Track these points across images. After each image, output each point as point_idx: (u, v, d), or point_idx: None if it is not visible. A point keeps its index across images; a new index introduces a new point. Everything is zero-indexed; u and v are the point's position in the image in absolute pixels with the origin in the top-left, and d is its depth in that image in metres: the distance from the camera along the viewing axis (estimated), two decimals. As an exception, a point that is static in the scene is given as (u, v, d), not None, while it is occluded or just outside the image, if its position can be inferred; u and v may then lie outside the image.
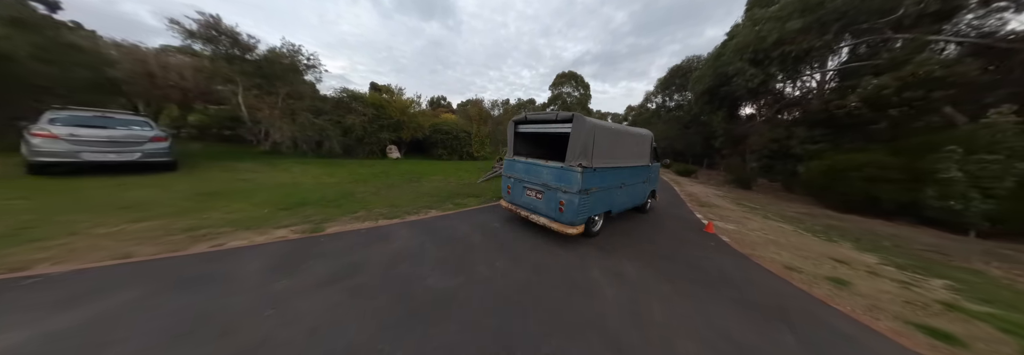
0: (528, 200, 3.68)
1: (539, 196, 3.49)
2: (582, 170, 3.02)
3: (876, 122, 8.40)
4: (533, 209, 3.60)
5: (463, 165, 12.49)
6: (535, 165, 3.60)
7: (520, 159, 3.91)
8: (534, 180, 3.58)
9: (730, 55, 11.46)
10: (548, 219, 3.35)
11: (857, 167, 7.93)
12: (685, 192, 9.75)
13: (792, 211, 8.29)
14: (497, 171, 10.04)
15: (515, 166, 3.97)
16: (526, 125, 3.92)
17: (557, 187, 3.23)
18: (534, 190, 3.58)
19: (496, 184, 8.09)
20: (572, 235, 3.21)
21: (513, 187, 3.97)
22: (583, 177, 3.03)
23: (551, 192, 3.30)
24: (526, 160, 3.79)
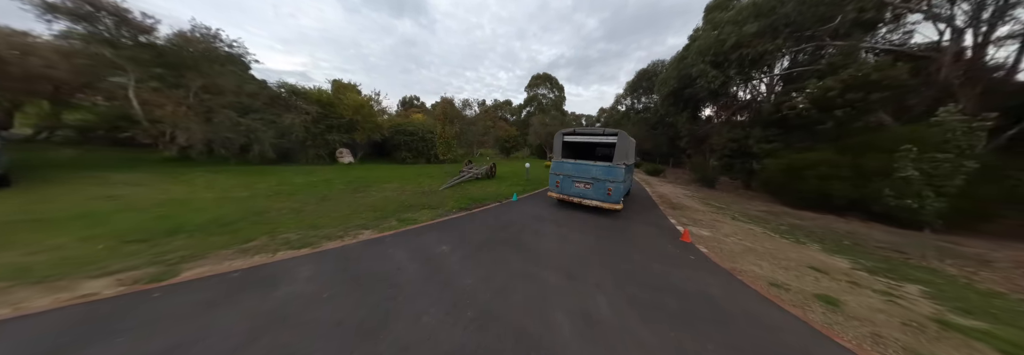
0: (578, 190, 5.40)
1: (587, 187, 5.27)
2: (624, 167, 4.96)
3: (823, 122, 8.92)
4: (583, 196, 5.34)
5: (429, 169, 11.47)
6: (584, 165, 5.32)
7: (569, 161, 5.58)
8: (584, 175, 5.31)
9: (693, 57, 11.75)
10: (599, 201, 5.11)
11: (811, 166, 8.28)
12: (656, 193, 9.66)
13: (755, 210, 8.48)
14: (466, 176, 9.21)
15: (564, 166, 5.66)
16: (573, 136, 5.66)
17: (605, 179, 5.03)
18: (583, 182, 5.32)
19: (461, 192, 7.28)
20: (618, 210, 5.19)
21: (562, 182, 5.64)
22: (625, 172, 4.97)
23: (599, 183, 5.10)
24: (576, 161, 5.45)
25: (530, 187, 9.07)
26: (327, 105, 10.38)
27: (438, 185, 8.07)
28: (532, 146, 38.91)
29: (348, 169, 9.68)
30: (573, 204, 5.90)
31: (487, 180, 10.12)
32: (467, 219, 4.68)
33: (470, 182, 9.24)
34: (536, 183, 10.16)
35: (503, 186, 8.98)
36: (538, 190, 8.64)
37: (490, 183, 9.43)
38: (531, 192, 8.19)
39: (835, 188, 7.60)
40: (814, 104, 8.93)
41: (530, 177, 11.56)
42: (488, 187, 8.61)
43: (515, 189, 8.36)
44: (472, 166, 10.72)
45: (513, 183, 9.75)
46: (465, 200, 6.16)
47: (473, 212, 5.26)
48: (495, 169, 11.05)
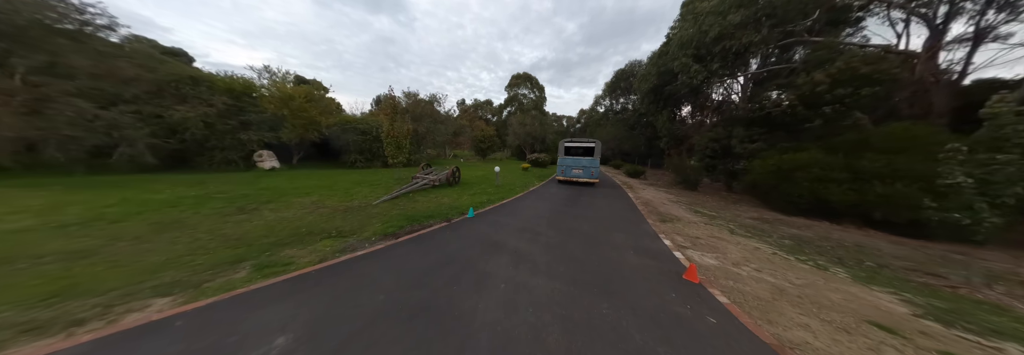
0: (574, 173, 10.35)
1: (579, 171, 10.37)
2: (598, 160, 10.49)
3: (811, 120, 8.36)
4: (577, 177, 10.33)
5: (377, 176, 9.70)
6: (578, 159, 10.44)
7: (570, 157, 10.60)
8: (576, 165, 10.35)
9: (674, 50, 10.99)
10: (587, 179, 10.29)
11: (802, 167, 7.60)
12: (641, 200, 8.62)
13: (746, 217, 7.66)
14: (418, 184, 7.60)
15: (566, 160, 10.51)
16: (570, 142, 10.76)
17: (589, 167, 10.31)
18: (577, 169, 10.37)
19: (403, 207, 5.70)
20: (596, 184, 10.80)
21: (565, 170, 10.41)
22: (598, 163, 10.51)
23: (586, 169, 10.30)
24: (574, 158, 10.52)
25: (498, 196, 7.66)
26: (241, 96, 8.31)
27: (379, 197, 6.42)
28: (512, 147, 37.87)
29: (262, 177, 7.72)
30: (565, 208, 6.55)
31: (448, 188, 8.57)
32: (378, 257, 3.17)
33: (424, 191, 7.65)
34: (507, 190, 8.76)
35: (464, 195, 7.49)
36: (507, 199, 7.25)
37: (449, 192, 7.90)
38: (497, 203, 6.77)
39: (831, 193, 6.91)
40: (802, 101, 8.34)
41: (500, 183, 10.14)
42: (444, 197, 7.08)
43: (477, 200, 6.91)
44: (431, 171, 9.12)
45: (478, 191, 8.28)
46: (399, 220, 4.62)
47: (399, 241, 3.74)
48: (459, 174, 9.52)
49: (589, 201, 7.66)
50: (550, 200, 7.48)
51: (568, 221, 5.29)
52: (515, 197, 7.71)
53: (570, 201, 7.46)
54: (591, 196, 8.66)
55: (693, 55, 10.37)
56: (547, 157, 23.08)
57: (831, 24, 11.06)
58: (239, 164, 8.41)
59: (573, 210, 6.35)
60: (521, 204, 6.77)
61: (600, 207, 6.90)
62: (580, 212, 6.17)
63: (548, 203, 7.02)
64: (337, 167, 11.28)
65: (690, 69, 10.42)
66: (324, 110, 9.90)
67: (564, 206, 6.75)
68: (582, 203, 7.31)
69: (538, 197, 7.90)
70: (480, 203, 6.55)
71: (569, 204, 7.04)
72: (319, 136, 10.16)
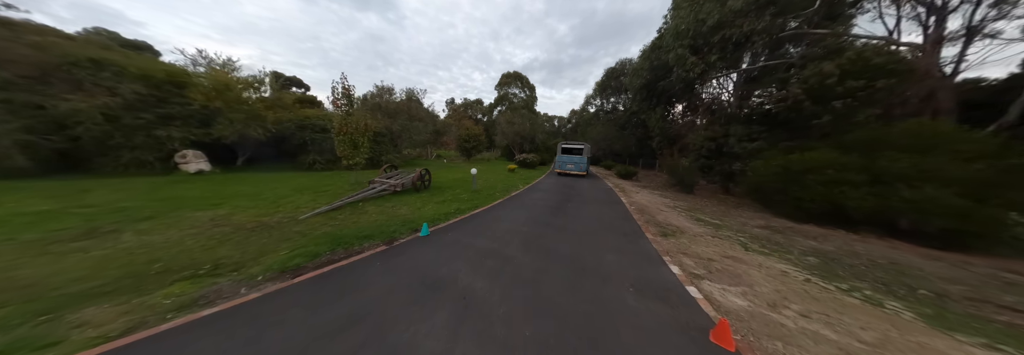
0: (568, 167, 14.09)
1: (572, 166, 14.12)
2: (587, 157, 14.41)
3: (819, 116, 7.62)
4: (570, 170, 14.09)
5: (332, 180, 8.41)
6: (572, 157, 14.25)
7: (564, 156, 14.63)
8: (570, 161, 14.13)
9: (669, 41, 10.16)
10: (577, 171, 13.97)
11: (814, 169, 6.80)
12: (634, 205, 7.67)
13: (754, 225, 6.82)
14: (373, 190, 6.40)
15: (562, 158, 14.54)
16: (566, 144, 15.20)
17: (579, 163, 14.01)
18: (571, 164, 14.12)
19: (340, 221, 4.51)
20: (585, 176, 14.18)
21: (561, 166, 14.41)
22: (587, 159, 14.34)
23: (577, 165, 14.01)
24: (569, 156, 14.42)
25: (471, 204, 6.54)
26: (161, 85, 6.89)
27: (319, 206, 5.20)
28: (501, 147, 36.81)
29: (177, 183, 6.33)
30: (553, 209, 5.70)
31: (414, 194, 7.38)
32: (235, 318, 2.03)
33: (382, 199, 6.45)
34: (484, 196, 7.65)
35: (430, 204, 6.34)
36: (481, 208, 6.14)
37: (412, 199, 6.73)
38: (467, 213, 5.66)
39: (848, 197, 6.12)
40: (809, 95, 7.59)
41: (478, 188, 9.01)
42: (403, 207, 5.92)
43: (444, 209, 5.78)
44: (396, 174, 7.91)
45: (449, 197, 7.14)
46: (319, 244, 3.45)
47: (296, 282, 2.57)
48: (429, 177, 8.35)
49: (577, 208, 6.65)
50: (532, 208, 6.42)
51: (549, 238, 4.23)
52: (491, 205, 6.62)
53: (555, 209, 6.42)
54: (579, 202, 7.65)
55: (689, 46, 9.57)
56: (536, 157, 22.09)
57: (829, 18, 10.51)
58: (155, 166, 6.96)
59: (557, 220, 5.31)
60: (496, 214, 5.67)
61: (589, 217, 5.88)
62: (565, 224, 5.13)
63: (529, 212, 5.95)
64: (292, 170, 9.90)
65: (686, 61, 9.60)
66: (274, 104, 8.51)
67: (547, 215, 5.70)
68: (569, 211, 6.28)
69: (518, 204, 6.82)
70: (445, 214, 5.42)
71: (554, 213, 6.00)
72: (266, 133, 8.77)
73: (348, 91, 7.31)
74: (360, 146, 7.41)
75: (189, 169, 7.36)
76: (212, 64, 8.65)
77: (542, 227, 4.83)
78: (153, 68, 7.18)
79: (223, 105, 7.76)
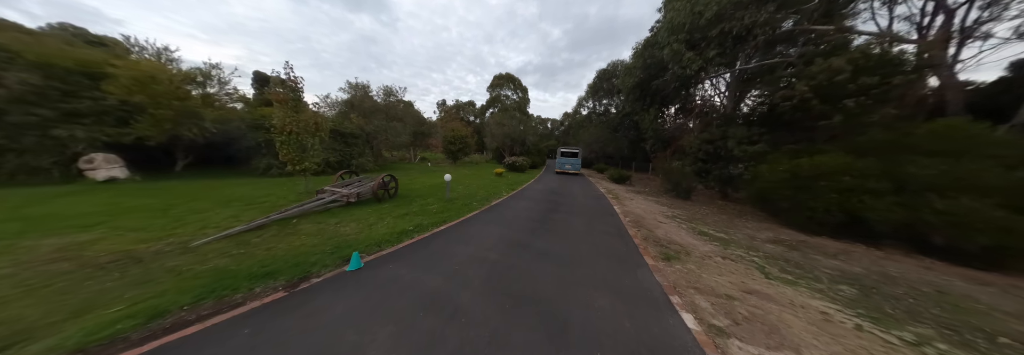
0: (566, 167, 18.29)
1: (569, 167, 18.42)
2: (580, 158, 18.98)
3: (828, 116, 6.98)
4: (567, 170, 18.31)
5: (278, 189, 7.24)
6: (569, 159, 18.52)
7: (562, 158, 18.83)
8: (567, 162, 18.51)
9: (664, 36, 9.47)
10: (573, 170, 18.25)
11: (827, 174, 6.10)
12: (629, 217, 6.81)
13: (764, 240, 6.04)
14: (321, 201, 5.33)
15: (561, 159, 18.86)
16: (563, 149, 19.20)
17: (575, 164, 18.49)
18: (569, 165, 18.41)
19: (265, 250, 3.42)
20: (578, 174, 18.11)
21: (560, 166, 18.56)
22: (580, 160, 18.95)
23: (573, 165, 18.41)
24: (565, 158, 18.64)
25: (438, 218, 5.55)
26: (70, 75, 5.66)
27: (237, 224, 4.11)
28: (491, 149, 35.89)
29: (69, 195, 5.10)
30: None
31: (375, 204, 6.33)
32: None
33: (329, 213, 5.38)
34: (458, 207, 6.66)
35: (387, 218, 5.31)
36: (448, 224, 5.16)
37: (369, 212, 5.68)
38: (428, 232, 4.68)
39: (871, 208, 5.41)
40: (817, 93, 6.96)
41: (452, 196, 8.02)
42: (350, 223, 4.89)
43: (401, 226, 4.78)
44: (356, 181, 6.84)
45: (415, 210, 6.12)
46: (189, 289, 2.44)
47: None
48: (395, 185, 7.31)
49: (564, 222, 5.73)
50: (511, 223, 5.47)
51: (523, 270, 3.29)
52: (463, 218, 5.63)
53: (538, 224, 5.48)
54: (568, 212, 6.75)
55: (685, 41, 8.90)
56: (526, 161, 21.21)
57: (826, 16, 10.08)
58: (53, 173, 5.68)
59: (538, 241, 4.36)
60: (464, 233, 4.70)
61: (578, 234, 4.97)
62: (547, 246, 4.19)
63: (506, 229, 4.99)
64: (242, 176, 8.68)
65: (682, 57, 8.92)
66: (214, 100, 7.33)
67: (527, 233, 4.75)
68: (554, 226, 5.35)
69: (496, 217, 5.86)
70: (400, 233, 4.41)
71: (535, 230, 5.06)
72: (204, 134, 7.56)
73: (294, 83, 6.24)
74: (310, 148, 6.33)
75: (97, 176, 6.10)
76: (144, 52, 7.44)
77: (517, 252, 3.87)
78: (59, 55, 5.94)
79: (146, 100, 6.55)
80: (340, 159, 11.72)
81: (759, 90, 9.90)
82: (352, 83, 14.16)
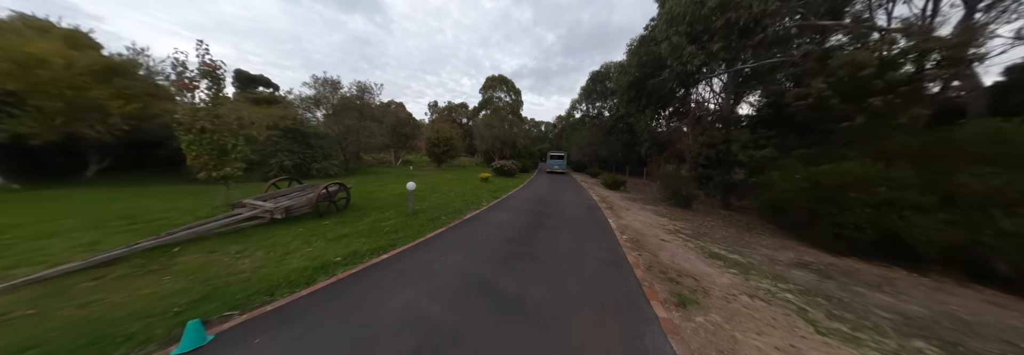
0: (554, 167, 23.76)
1: (557, 167, 23.83)
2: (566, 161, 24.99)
3: (850, 117, 6.17)
4: (555, 169, 23.71)
5: (183, 203, 5.88)
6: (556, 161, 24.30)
7: (552, 160, 24.81)
8: (556, 163, 24.20)
9: (662, 29, 8.64)
10: (560, 170, 23.60)
11: (856, 185, 5.23)
12: (627, 232, 5.77)
13: (787, 262, 5.10)
14: (239, 218, 4.09)
15: (550, 161, 24.93)
16: (552, 153, 25.76)
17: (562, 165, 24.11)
18: (557, 166, 23.90)
19: (88, 306, 2.13)
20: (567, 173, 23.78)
21: (550, 167, 24.13)
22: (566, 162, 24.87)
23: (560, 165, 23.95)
24: (554, 160, 24.49)
25: (386, 240, 4.41)
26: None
27: (95, 254, 2.86)
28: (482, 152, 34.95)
29: None
30: None
31: (311, 220, 5.10)
32: None
33: (235, 235, 4.14)
34: (421, 223, 5.50)
35: (314, 243, 4.13)
36: (396, 250, 4.01)
37: (292, 234, 4.47)
38: (364, 262, 3.57)
39: (919, 228, 4.52)
40: (838, 90, 6.15)
41: (418, 208, 6.86)
42: (254, 252, 3.69)
43: (325, 257, 3.60)
44: (296, 191, 5.60)
45: (356, 230, 4.93)
46: None
47: None
48: (347, 194, 6.11)
49: (547, 245, 4.64)
50: (480, 247, 4.35)
51: (476, 336, 2.17)
52: (419, 241, 4.47)
53: (516, 247, 4.38)
54: (553, 228, 5.67)
55: (686, 34, 8.08)
56: (515, 165, 20.16)
57: (830, 13, 9.50)
58: None
59: (509, 280, 3.25)
60: (409, 266, 3.56)
61: (564, 263, 3.88)
62: (521, 287, 3.09)
63: (470, 258, 3.87)
64: (169, 183, 7.28)
65: (683, 51, 8.09)
66: (123, 91, 5.98)
67: (496, 266, 3.64)
68: (535, 251, 4.25)
69: (464, 239, 4.73)
70: (316, 270, 3.24)
71: (509, 258, 3.95)
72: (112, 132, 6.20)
73: (212, 67, 5.00)
74: (232, 150, 5.08)
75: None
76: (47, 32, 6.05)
77: (476, 300, 2.75)
78: None
79: (24, 88, 5.17)
80: (299, 162, 10.41)
81: (763, 90, 9.17)
82: (318, 78, 12.87)
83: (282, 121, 9.94)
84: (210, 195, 5.89)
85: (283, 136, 9.80)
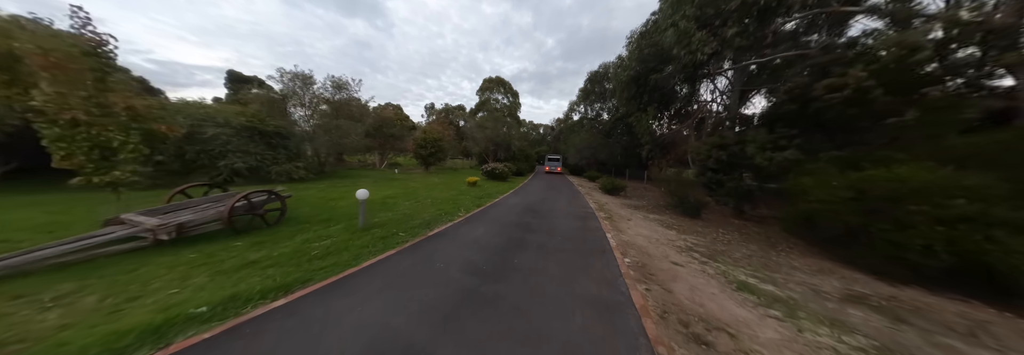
0: (551, 167, 28.58)
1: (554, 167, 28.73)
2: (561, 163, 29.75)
3: (898, 113, 5.13)
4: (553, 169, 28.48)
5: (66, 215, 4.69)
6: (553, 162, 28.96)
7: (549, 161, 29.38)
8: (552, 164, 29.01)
9: (668, 13, 7.65)
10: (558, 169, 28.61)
11: (921, 195, 4.16)
12: (630, 253, 4.64)
13: (836, 294, 3.97)
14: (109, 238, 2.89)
15: (548, 162, 29.36)
16: (549, 155, 30.43)
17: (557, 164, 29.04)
18: (553, 164, 28.79)
19: None
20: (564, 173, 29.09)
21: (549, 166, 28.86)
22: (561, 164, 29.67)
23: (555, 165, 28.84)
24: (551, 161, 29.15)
25: (302, 272, 3.27)
26: None
27: None
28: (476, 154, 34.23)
29: None
30: None
31: (221, 239, 3.94)
32: None
33: (83, 268, 2.98)
34: (367, 244, 4.36)
35: (195, 279, 2.98)
36: (305, 289, 2.85)
37: (161, 263, 3.32)
38: (239, 318, 2.42)
39: (1016, 252, 3.44)
40: (882, 80, 5.12)
41: (374, 222, 5.72)
42: (78, 300, 2.52)
43: (192, 303, 2.43)
44: (210, 202, 4.46)
45: (267, 257, 3.78)
46: None
47: None
48: (282, 206, 4.95)
49: (529, 270, 3.50)
50: (434, 278, 3.21)
51: None
52: (349, 273, 3.33)
53: (480, 282, 3.25)
54: (539, 250, 4.53)
55: (695, 18, 7.08)
56: (507, 168, 19.08)
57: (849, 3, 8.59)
58: None
59: (449, 350, 2.10)
60: (306, 323, 2.42)
61: (544, 308, 2.75)
62: None
63: (408, 302, 2.74)
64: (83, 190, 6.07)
65: (692, 38, 7.08)
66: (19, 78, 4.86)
67: (437, 324, 2.50)
68: (506, 288, 3.12)
69: (413, 268, 3.59)
70: (160, 328, 2.07)
71: (469, 298, 2.83)
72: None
73: (97, 43, 3.90)
74: (122, 149, 3.95)
75: None
76: None
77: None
78: None
79: None
80: (256, 165, 9.26)
81: (783, 83, 8.18)
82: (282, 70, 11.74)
83: (237, 118, 8.83)
84: (114, 204, 4.74)
85: (236, 134, 8.69)
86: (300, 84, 11.88)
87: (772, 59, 9.54)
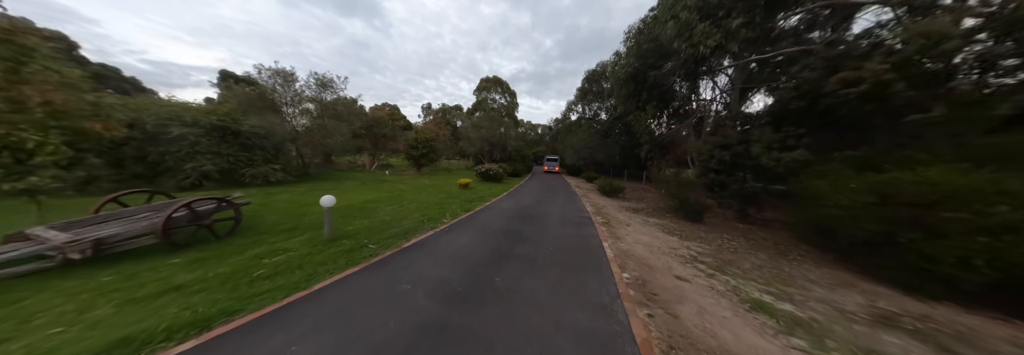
0: (549, 166, 30.22)
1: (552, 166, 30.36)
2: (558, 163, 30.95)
3: (924, 108, 4.68)
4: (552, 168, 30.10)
5: None
6: (552, 162, 30.38)
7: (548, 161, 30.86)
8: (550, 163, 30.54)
9: (668, 3, 7.14)
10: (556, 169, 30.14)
11: (956, 201, 3.70)
12: (628, 266, 4.12)
13: (862, 313, 3.48)
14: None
15: (545, 160, 31.12)
16: (549, 156, 31.84)
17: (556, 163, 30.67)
18: (551, 164, 30.36)
19: None
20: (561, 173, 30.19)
21: (547, 166, 30.48)
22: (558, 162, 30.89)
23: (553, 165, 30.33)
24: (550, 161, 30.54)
25: (234, 300, 2.71)
26: None
27: None
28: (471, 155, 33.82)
29: None
30: None
31: (155, 255, 3.38)
32: None
33: (32, 283, 2.41)
34: (322, 262, 3.81)
35: (92, 312, 2.40)
36: (219, 328, 2.29)
37: (63, 291, 2.74)
38: None
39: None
40: (903, 73, 4.67)
41: (345, 232, 5.18)
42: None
43: (76, 347, 1.83)
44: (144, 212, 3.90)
45: (202, 279, 3.23)
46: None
47: None
48: (236, 215, 4.40)
49: (512, 292, 3.00)
50: (396, 306, 2.69)
51: None
52: (293, 299, 2.81)
53: (451, 310, 2.75)
54: (527, 262, 4.01)
55: (697, 8, 6.61)
56: (503, 169, 18.56)
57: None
58: None
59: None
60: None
61: (526, 345, 2.22)
62: None
63: (353, 343, 2.19)
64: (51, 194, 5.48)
65: (694, 30, 6.62)
66: None
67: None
68: (478, 319, 2.60)
69: (373, 292, 3.08)
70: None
71: (431, 333, 2.28)
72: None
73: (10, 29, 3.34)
74: (39, 151, 3.39)
75: None
76: None
77: None
78: None
79: None
80: (229, 167, 8.66)
81: (789, 79, 7.74)
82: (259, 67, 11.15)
83: (207, 117, 8.25)
84: (32, 215, 4.16)
85: (206, 134, 8.10)
86: (281, 81, 11.32)
87: (774, 56, 9.14)
